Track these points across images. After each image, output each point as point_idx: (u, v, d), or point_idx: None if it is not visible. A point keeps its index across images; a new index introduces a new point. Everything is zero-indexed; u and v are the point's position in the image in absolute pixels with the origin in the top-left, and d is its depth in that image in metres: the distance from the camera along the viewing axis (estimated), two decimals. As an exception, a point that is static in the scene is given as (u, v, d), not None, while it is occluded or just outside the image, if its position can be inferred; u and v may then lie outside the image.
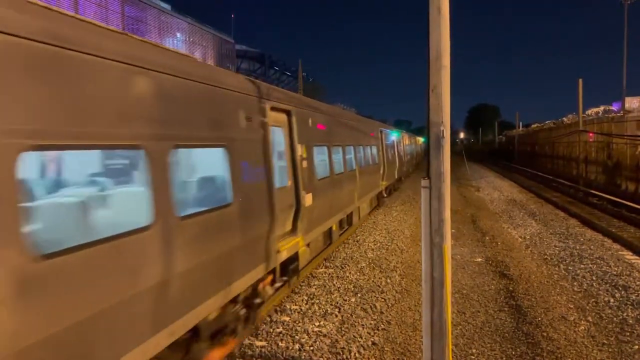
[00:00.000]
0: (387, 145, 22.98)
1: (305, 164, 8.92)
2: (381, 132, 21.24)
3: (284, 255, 7.71)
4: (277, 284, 8.01)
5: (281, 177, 7.98)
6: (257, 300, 7.06)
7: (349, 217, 14.16)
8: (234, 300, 6.14)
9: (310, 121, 9.73)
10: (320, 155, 10.49)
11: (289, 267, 8.27)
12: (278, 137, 8.17)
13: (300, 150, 8.68)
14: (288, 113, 8.45)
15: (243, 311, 6.59)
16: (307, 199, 8.82)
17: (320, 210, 9.92)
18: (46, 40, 3.28)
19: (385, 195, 22.53)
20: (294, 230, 8.36)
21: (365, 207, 17.39)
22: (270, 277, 7.50)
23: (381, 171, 20.14)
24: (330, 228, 11.66)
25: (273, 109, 7.58)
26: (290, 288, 9.11)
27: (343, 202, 12.47)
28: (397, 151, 27.31)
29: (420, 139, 53.96)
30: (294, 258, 8.43)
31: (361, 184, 15.00)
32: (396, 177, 26.82)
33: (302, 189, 8.55)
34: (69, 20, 3.89)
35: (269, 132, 7.22)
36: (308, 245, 9.48)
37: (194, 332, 5.27)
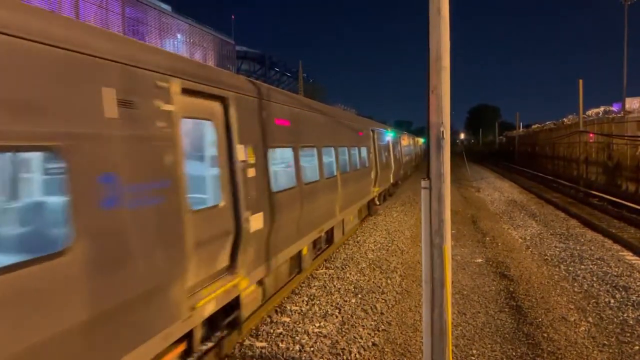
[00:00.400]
0: (381, 146, 20.64)
1: (251, 172, 6.59)
2: (373, 131, 18.89)
3: (209, 309, 5.35)
4: (198, 352, 5.45)
5: (205, 193, 6.02)
6: None
7: (328, 234, 11.91)
8: None
9: (263, 114, 7.28)
10: (280, 161, 8.59)
11: (222, 321, 6.01)
12: (201, 135, 6.13)
13: (243, 153, 6.35)
14: (222, 100, 6.04)
15: None
16: (254, 222, 6.55)
17: (280, 234, 7.65)
18: None
19: (378, 202, 19.94)
20: (232, 266, 6.06)
21: (352, 219, 15.02)
22: (180, 348, 5.10)
23: (373, 176, 17.82)
24: (300, 252, 9.35)
25: (187, 91, 5.17)
26: (223, 350, 6.25)
27: (317, 217, 10.08)
28: (393, 153, 25.27)
29: (420, 140, 53.71)
30: (233, 305, 6.16)
31: (345, 193, 12.60)
32: (392, 181, 24.55)
33: (245, 208, 6.25)
34: None
35: (176, 127, 4.85)
36: (261, 282, 7.26)
37: None
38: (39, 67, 3.28)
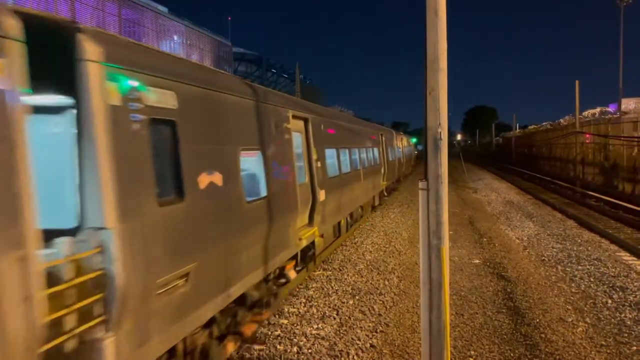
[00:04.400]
0: (388, 147, 23.71)
1: (319, 164, 10.03)
2: (381, 135, 21.81)
3: (304, 243, 8.83)
4: (298, 268, 9.33)
5: (300, 175, 9.01)
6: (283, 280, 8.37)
7: (353, 215, 15.01)
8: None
9: (322, 126, 10.83)
10: (330, 157, 11.27)
11: (308, 253, 9.74)
12: (296, 141, 9.03)
13: (314, 152, 9.79)
14: (305, 120, 9.65)
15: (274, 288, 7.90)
16: (321, 195, 9.81)
17: (331, 206, 10.84)
18: None
19: (386, 194, 23.43)
20: (310, 222, 9.44)
21: (368, 204, 18.29)
22: (293, 263, 8.73)
23: (382, 171, 20.72)
24: (339, 222, 12.80)
25: (293, 116, 8.76)
26: (307, 272, 10.51)
27: (352, 199, 13.64)
28: (396, 153, 28.24)
29: (411, 140, 53.91)
30: (309, 247, 9.64)
31: (365, 183, 15.96)
32: (396, 177, 27.95)
33: (317, 185, 9.62)
34: None
35: (292, 137, 8.48)
36: (322, 236, 10.47)
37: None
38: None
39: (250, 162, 7.74)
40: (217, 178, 5.51)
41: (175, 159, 4.76)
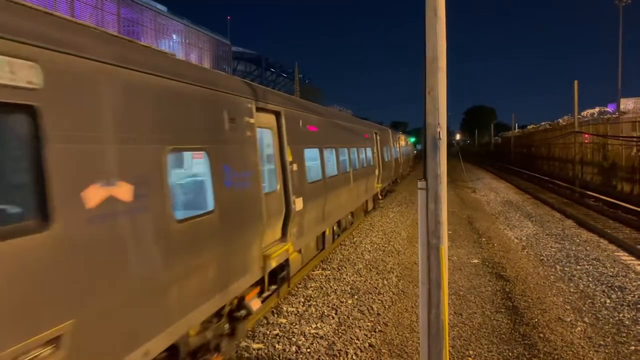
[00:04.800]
0: (383, 147, 22.40)
1: (295, 167, 8.44)
2: (376, 133, 20.39)
3: (273, 264, 7.18)
4: (266, 294, 7.82)
5: (270, 181, 7.73)
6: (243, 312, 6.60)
7: (340, 222, 13.43)
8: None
9: (300, 122, 9.21)
10: (309, 158, 9.79)
11: (279, 275, 8.00)
12: (265, 139, 7.64)
13: (289, 153, 8.21)
14: (277, 114, 7.92)
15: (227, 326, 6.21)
16: (297, 204, 8.35)
17: (312, 215, 9.45)
18: None
19: (380, 197, 22.07)
20: (283, 237, 7.92)
21: (360, 209, 16.75)
22: (257, 289, 7.06)
23: (376, 173, 19.48)
24: (324, 232, 11.15)
25: (259, 109, 6.99)
26: (278, 298, 8.80)
27: (336, 206, 11.92)
28: (393, 153, 26.92)
29: (410, 140, 53.53)
30: (283, 266, 8.04)
31: (356, 187, 14.45)
32: (392, 179, 26.67)
33: (292, 193, 8.12)
34: None
35: (256, 134, 6.76)
36: (299, 251, 9.07)
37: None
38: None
39: (187, 167, 6.51)
40: (122, 191, 3.95)
41: (36, 165, 3.22)
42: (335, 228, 12.69)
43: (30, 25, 3.35)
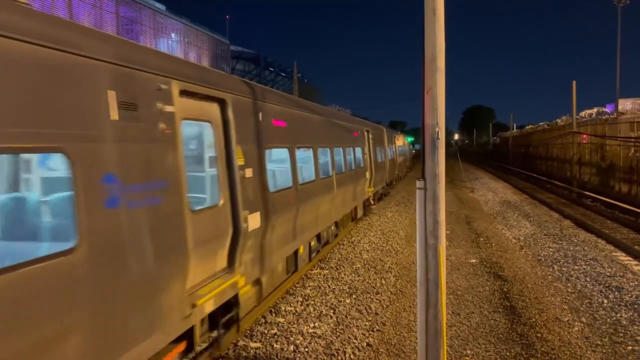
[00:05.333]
0: (376, 147, 20.61)
1: (249, 173, 6.51)
2: (367, 131, 18.35)
3: (208, 307, 5.42)
4: (199, 347, 5.82)
5: (205, 193, 6.09)
6: None
7: (319, 236, 11.25)
8: None
9: (260, 115, 7.18)
10: (275, 161, 8.34)
11: (221, 319, 6.07)
12: (199, 136, 6.13)
13: (241, 154, 6.30)
14: (221, 103, 5.97)
15: None
16: (252, 221, 6.47)
17: (277, 233, 7.63)
18: None
19: (373, 203, 19.88)
20: (230, 266, 6.04)
21: (347, 218, 14.85)
22: (180, 346, 5.17)
23: (368, 176, 17.44)
24: (296, 251, 9.24)
25: (186, 93, 5.14)
26: (220, 351, 6.42)
27: (313, 218, 9.96)
28: (388, 153, 25.25)
29: (407, 139, 52.90)
30: (231, 304, 6.23)
31: (340, 194, 12.50)
32: (387, 182, 24.83)
33: (243, 208, 6.22)
34: None
35: (176, 129, 4.88)
36: (257, 281, 7.22)
37: None
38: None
39: (24, 179, 4.66)
40: None
41: None
42: (313, 243, 10.66)
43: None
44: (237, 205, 6.09)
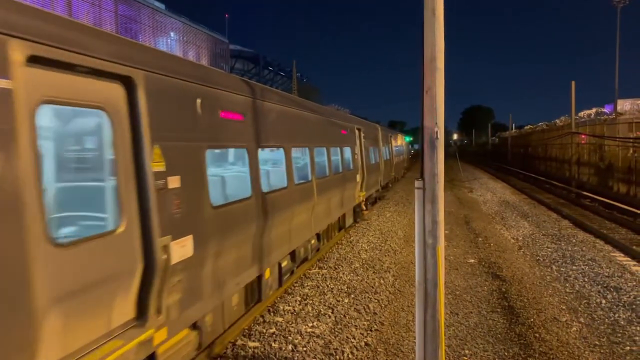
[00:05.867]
0: (370, 146, 19.00)
1: (174, 182, 4.80)
2: (359, 130, 16.60)
3: None
4: None
5: (87, 215, 4.55)
6: None
7: (294, 254, 9.49)
8: None
9: (198, 103, 5.39)
10: (225, 165, 7.05)
11: None
12: (82, 129, 4.67)
13: (159, 156, 4.58)
14: (127, 82, 4.25)
15: None
16: (177, 250, 4.79)
17: (225, 260, 6.03)
18: None
19: (365, 208, 18.13)
20: (141, 315, 4.40)
21: (332, 228, 13.38)
22: None
23: (358, 179, 15.74)
24: (260, 277, 7.54)
25: (50, 62, 3.43)
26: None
27: (284, 233, 8.44)
28: (383, 154, 23.44)
29: (405, 139, 52.14)
30: None
31: (322, 201, 10.90)
32: (382, 184, 23.05)
33: (160, 233, 4.50)
34: None
35: (19, 117, 3.16)
36: (195, 325, 5.53)
37: None
38: None
39: None
40: None
41: None
42: (285, 263, 8.96)
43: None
44: (151, 230, 4.41)
